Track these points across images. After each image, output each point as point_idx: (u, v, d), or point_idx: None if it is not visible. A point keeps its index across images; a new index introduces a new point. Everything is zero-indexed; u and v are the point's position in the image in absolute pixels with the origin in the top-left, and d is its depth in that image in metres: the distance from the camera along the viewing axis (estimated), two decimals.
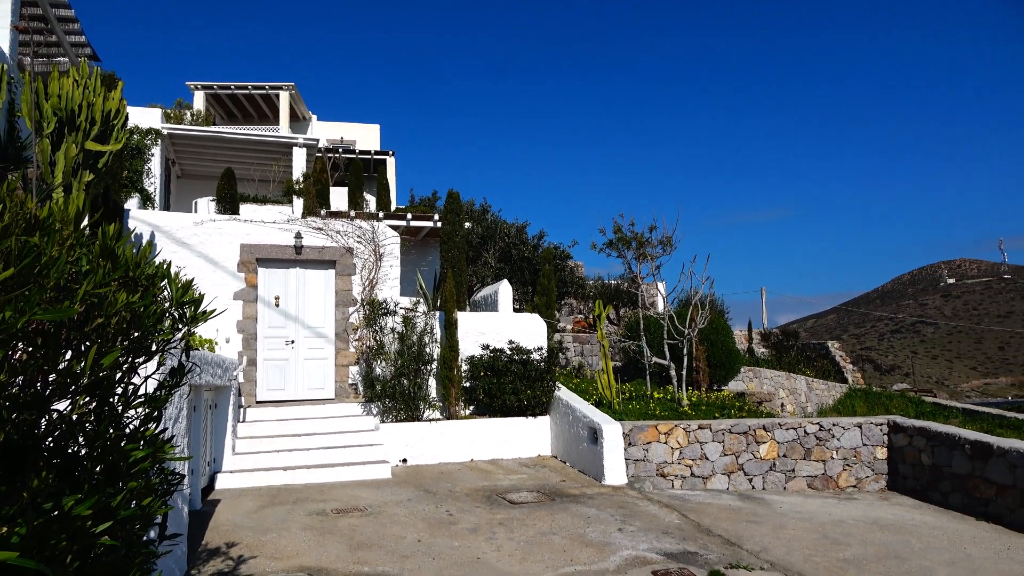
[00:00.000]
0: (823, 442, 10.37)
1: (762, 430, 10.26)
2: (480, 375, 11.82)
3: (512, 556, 6.74)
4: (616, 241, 13.18)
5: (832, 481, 10.33)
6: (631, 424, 10.13)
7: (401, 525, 7.72)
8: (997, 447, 8.85)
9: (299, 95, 26.94)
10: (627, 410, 11.20)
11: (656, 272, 13.43)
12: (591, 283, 21.50)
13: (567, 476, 10.29)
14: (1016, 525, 8.50)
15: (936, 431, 9.78)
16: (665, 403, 11.74)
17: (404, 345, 11.78)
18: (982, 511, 8.98)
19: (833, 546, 7.51)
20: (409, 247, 18.34)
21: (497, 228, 18.54)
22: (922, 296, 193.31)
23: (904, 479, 10.25)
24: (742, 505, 9.12)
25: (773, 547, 7.35)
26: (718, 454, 10.13)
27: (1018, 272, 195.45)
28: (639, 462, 9.95)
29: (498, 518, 8.01)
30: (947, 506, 9.46)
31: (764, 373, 18.94)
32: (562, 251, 18.14)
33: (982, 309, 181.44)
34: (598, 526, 7.73)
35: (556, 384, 11.93)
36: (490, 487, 9.55)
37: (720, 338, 14.78)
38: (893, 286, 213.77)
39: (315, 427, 11.18)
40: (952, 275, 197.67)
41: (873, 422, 10.58)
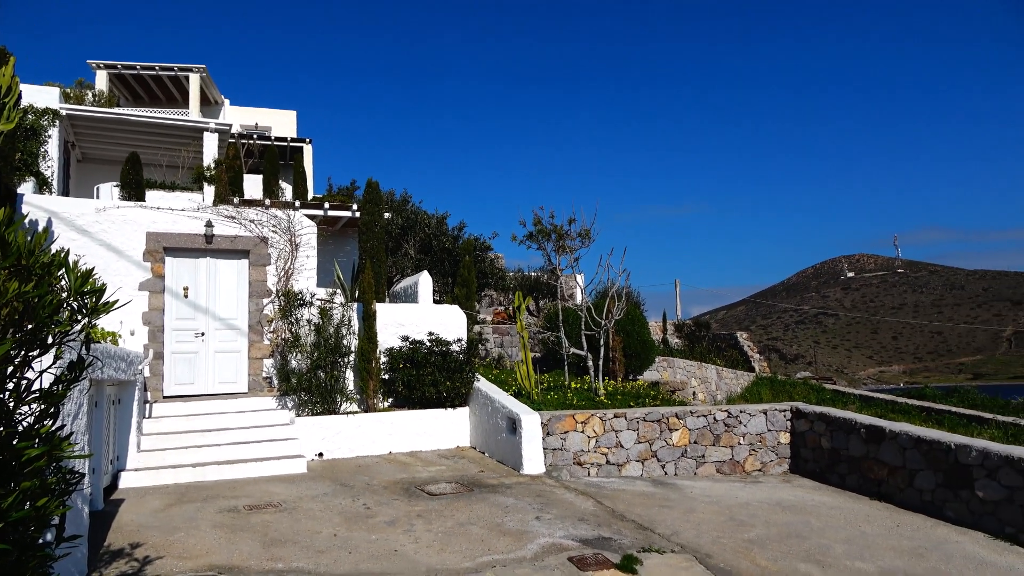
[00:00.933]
0: (731, 428, 10.81)
1: (674, 418, 10.59)
2: (399, 367, 11.73)
3: (430, 547, 6.75)
4: (536, 233, 13.30)
5: (739, 466, 10.78)
6: (549, 414, 10.28)
7: (317, 520, 7.60)
8: (889, 431, 9.43)
9: (211, 78, 25.92)
10: (545, 400, 11.36)
11: (575, 264, 13.64)
12: (512, 275, 21.63)
13: (486, 467, 10.35)
14: (905, 504, 9.09)
15: (835, 416, 10.34)
16: (582, 393, 11.96)
17: (321, 337, 11.56)
18: (875, 491, 9.56)
19: (739, 527, 7.85)
20: (327, 237, 17.98)
21: (417, 219, 18.40)
22: (824, 289, 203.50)
23: (805, 462, 10.80)
24: (655, 491, 9.41)
25: (684, 530, 7.62)
26: (633, 442, 10.40)
27: (910, 267, 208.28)
28: (557, 451, 10.11)
29: (416, 510, 7.99)
30: (844, 487, 10.03)
31: (677, 363, 19.54)
32: (482, 243, 18.18)
33: (878, 301, 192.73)
34: (516, 515, 7.82)
35: (476, 375, 11.97)
36: (408, 479, 9.52)
37: (636, 329, 15.15)
38: (798, 279, 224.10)
39: (227, 422, 10.84)
40: (852, 269, 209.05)
41: (777, 409, 11.09)
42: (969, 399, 18.36)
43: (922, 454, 8.92)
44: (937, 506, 8.68)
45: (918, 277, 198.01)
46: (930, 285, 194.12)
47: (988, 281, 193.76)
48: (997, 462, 8.04)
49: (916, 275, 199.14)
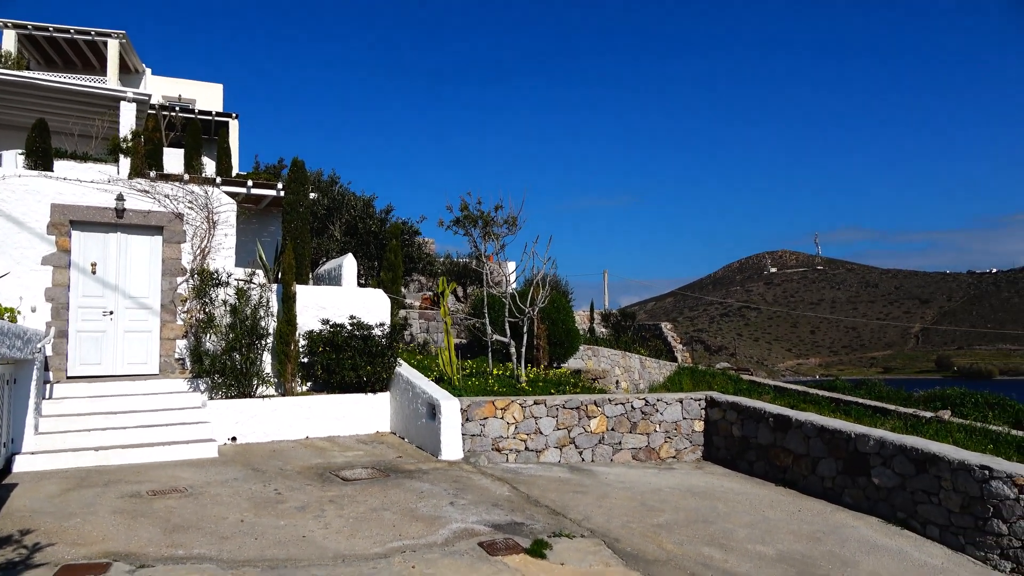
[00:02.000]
0: (648, 416, 11.03)
1: (593, 405, 10.74)
2: (319, 350, 11.51)
3: (340, 533, 6.65)
4: (463, 219, 13.22)
5: (655, 452, 11.02)
6: (469, 400, 10.27)
7: (224, 506, 7.39)
8: (795, 420, 9.80)
9: (131, 45, 24.71)
10: (467, 386, 11.34)
11: (501, 251, 13.63)
12: (441, 260, 21.48)
13: (404, 452, 10.28)
14: (808, 490, 9.48)
15: (746, 406, 10.68)
16: (504, 379, 12.00)
17: (237, 318, 11.23)
18: (781, 477, 9.93)
19: (649, 513, 8.03)
20: (250, 217, 17.44)
21: (344, 200, 18.05)
22: (748, 283, 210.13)
23: (717, 449, 11.13)
24: (571, 477, 9.53)
25: (595, 515, 7.74)
26: (552, 428, 10.50)
27: (829, 264, 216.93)
28: (476, 437, 10.12)
29: (329, 495, 7.87)
30: (752, 474, 10.38)
31: (602, 352, 19.83)
32: (410, 227, 17.98)
33: (798, 296, 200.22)
34: (430, 501, 7.79)
35: (397, 360, 11.85)
36: (324, 464, 9.36)
37: (561, 317, 15.27)
38: (724, 273, 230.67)
39: (134, 404, 10.42)
40: (775, 264, 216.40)
41: (693, 398, 11.38)
42: (876, 391, 19.27)
43: (825, 442, 9.30)
44: (837, 492, 9.08)
45: (836, 274, 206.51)
46: (847, 282, 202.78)
47: (900, 280, 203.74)
48: (892, 451, 8.45)
49: (834, 272, 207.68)
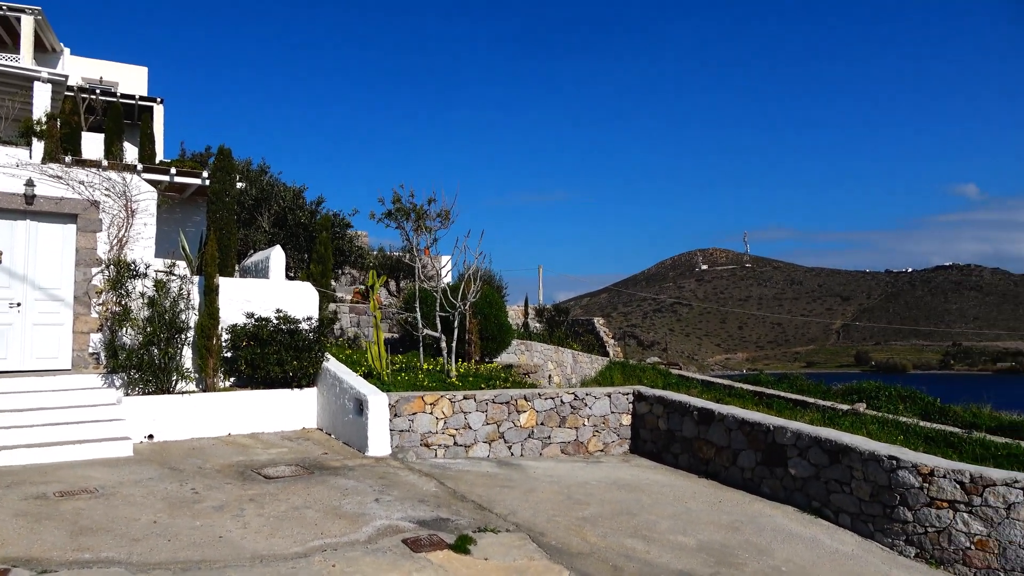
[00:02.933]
0: (577, 411, 11.14)
1: (523, 400, 10.78)
2: (243, 345, 11.19)
3: (259, 533, 6.48)
4: (395, 212, 13.06)
5: (583, 446, 11.14)
6: (398, 395, 10.16)
7: (136, 506, 7.10)
8: (718, 413, 10.05)
9: (47, 22, 23.47)
10: (396, 381, 11.22)
11: (433, 244, 13.55)
12: (373, 254, 21.19)
13: (331, 449, 10.10)
14: (729, 481, 9.74)
15: (672, 400, 10.90)
16: (434, 374, 11.92)
17: (156, 311, 10.80)
18: (704, 469, 10.18)
19: (575, 506, 8.10)
20: (174, 206, 16.82)
21: (273, 191, 17.59)
22: (680, 280, 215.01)
23: (644, 443, 11.33)
24: (499, 471, 9.54)
25: (521, 510, 7.77)
26: (481, 423, 10.49)
27: (757, 262, 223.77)
28: (404, 432, 10.02)
29: (249, 494, 7.66)
30: (677, 466, 10.60)
31: (535, 346, 19.92)
32: (342, 219, 17.66)
33: (727, 293, 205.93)
34: (355, 498, 7.67)
35: (325, 355, 11.63)
36: (246, 462, 9.11)
37: (494, 312, 15.27)
38: (657, 269, 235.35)
39: (43, 401, 9.92)
40: (706, 262, 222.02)
41: (621, 392, 11.54)
42: (797, 385, 19.95)
43: (745, 435, 9.57)
44: (756, 483, 9.36)
45: (763, 272, 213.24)
46: (773, 279, 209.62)
47: (823, 278, 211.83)
48: (808, 442, 8.76)
49: (762, 270, 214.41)
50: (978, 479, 7.38)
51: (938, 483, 7.51)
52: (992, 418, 15.32)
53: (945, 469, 7.56)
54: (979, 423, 14.86)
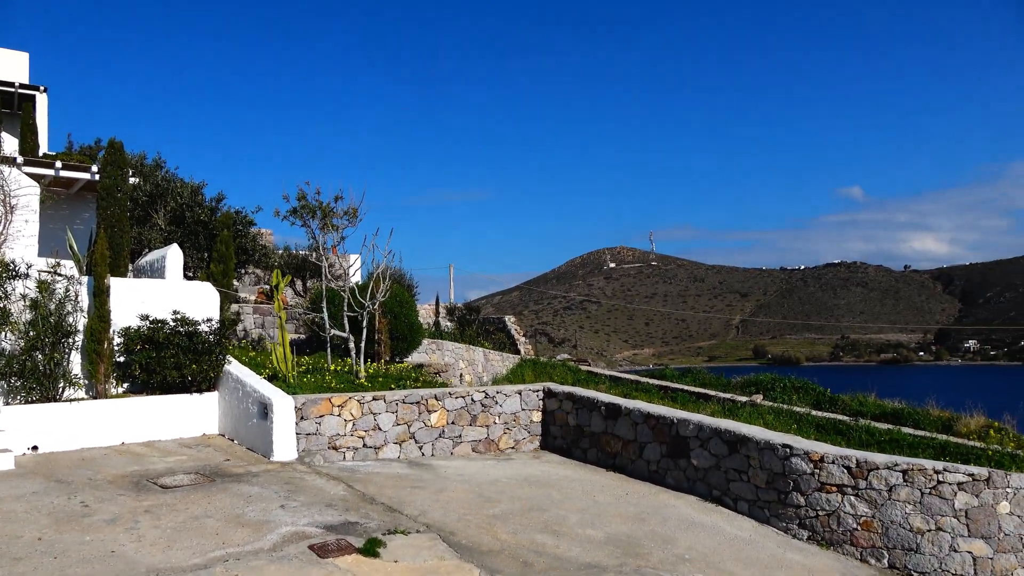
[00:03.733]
0: (488, 409, 11.17)
1: (434, 399, 10.72)
2: (137, 349, 10.63)
3: (155, 545, 6.18)
4: (300, 209, 12.71)
5: (494, 444, 11.19)
6: (304, 397, 9.91)
7: (18, 523, 6.63)
8: (624, 407, 10.30)
9: None
10: (302, 383, 10.94)
11: (341, 243, 13.27)
12: (279, 253, 20.56)
13: (233, 455, 9.74)
14: (635, 473, 10.00)
15: (580, 395, 11.09)
16: (342, 375, 11.69)
17: (39, 314, 10.11)
18: (611, 463, 10.41)
19: (486, 504, 8.13)
20: (60, 202, 15.82)
21: (170, 187, 16.78)
22: (590, 277, 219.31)
23: (554, 439, 11.48)
24: (409, 472, 9.45)
25: (432, 510, 7.72)
26: (391, 424, 10.36)
27: (663, 260, 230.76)
28: (311, 436, 9.78)
29: (144, 505, 7.29)
30: (586, 461, 10.80)
31: (447, 345, 19.85)
32: (245, 217, 17.02)
33: (634, 291, 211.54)
34: (259, 504, 7.43)
35: (227, 358, 11.20)
36: (141, 472, 8.66)
37: (404, 311, 15.10)
38: (567, 268, 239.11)
39: None
40: (614, 260, 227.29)
41: (531, 389, 11.66)
42: (700, 379, 20.73)
43: (651, 428, 9.85)
44: (661, 475, 9.65)
45: (668, 270, 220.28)
46: (678, 277, 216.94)
47: (724, 275, 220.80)
48: (709, 434, 9.10)
49: (667, 268, 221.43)
50: (863, 464, 7.86)
51: (827, 469, 7.96)
52: (876, 406, 16.38)
53: (834, 455, 8.02)
54: (865, 411, 15.86)
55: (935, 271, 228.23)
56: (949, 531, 7.60)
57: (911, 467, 7.75)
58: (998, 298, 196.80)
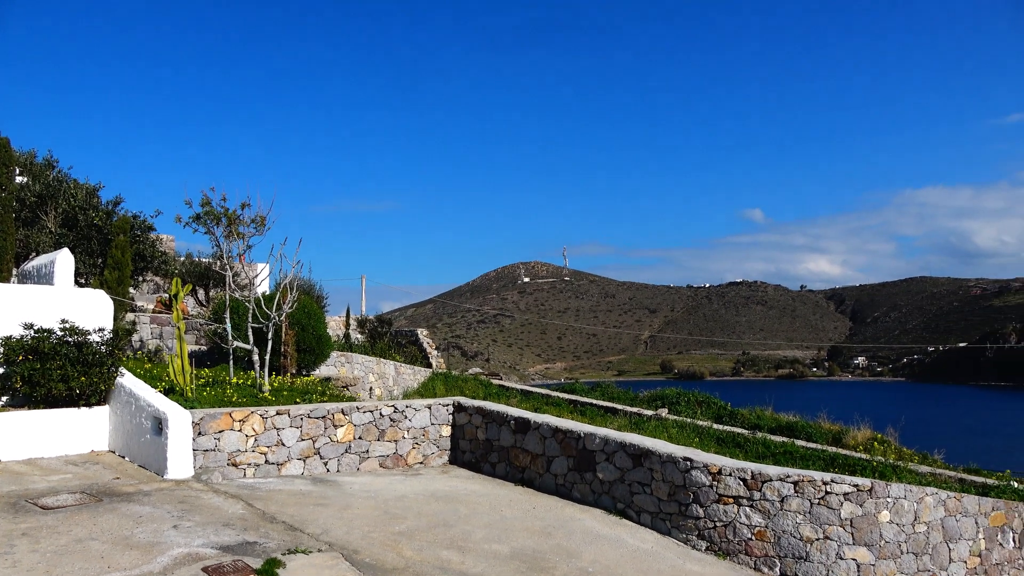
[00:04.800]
0: (396, 423, 11.02)
1: (340, 414, 10.49)
2: (18, 359, 9.94)
3: (32, 572, 5.77)
4: (203, 215, 12.24)
5: (402, 459, 11.04)
6: (203, 412, 9.51)
7: None
8: (534, 422, 10.38)
9: None
10: (201, 397, 10.50)
11: (247, 251, 12.87)
12: (180, 260, 19.72)
13: (124, 472, 9.23)
14: (543, 488, 10.07)
15: (490, 410, 11.10)
16: (245, 389, 11.29)
17: None
18: (520, 477, 10.45)
19: (392, 520, 8.00)
20: None
21: (62, 188, 15.86)
22: (504, 292, 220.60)
23: (463, 453, 11.43)
24: (313, 489, 9.20)
25: (335, 528, 7.54)
26: (295, 439, 10.07)
27: (575, 276, 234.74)
28: (209, 452, 9.39)
29: (22, 528, 6.80)
30: (495, 475, 10.80)
31: (356, 358, 19.50)
32: (143, 221, 16.22)
33: (547, 305, 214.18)
34: (150, 525, 7.06)
35: (120, 370, 10.62)
36: (19, 492, 8.08)
37: (312, 323, 14.76)
38: (481, 281, 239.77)
39: None
40: (528, 274, 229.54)
41: (441, 403, 11.58)
42: (609, 393, 21.16)
43: (559, 442, 9.96)
44: (568, 488, 9.76)
45: (581, 285, 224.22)
46: (589, 293, 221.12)
47: (633, 292, 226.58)
48: (614, 447, 9.28)
49: (579, 283, 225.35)
50: (758, 475, 8.20)
51: (725, 481, 8.25)
52: (773, 419, 17.17)
53: (731, 468, 8.32)
54: (762, 424, 16.59)
55: (828, 291, 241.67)
56: (836, 539, 8.01)
57: (802, 479, 8.13)
58: (884, 318, 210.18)
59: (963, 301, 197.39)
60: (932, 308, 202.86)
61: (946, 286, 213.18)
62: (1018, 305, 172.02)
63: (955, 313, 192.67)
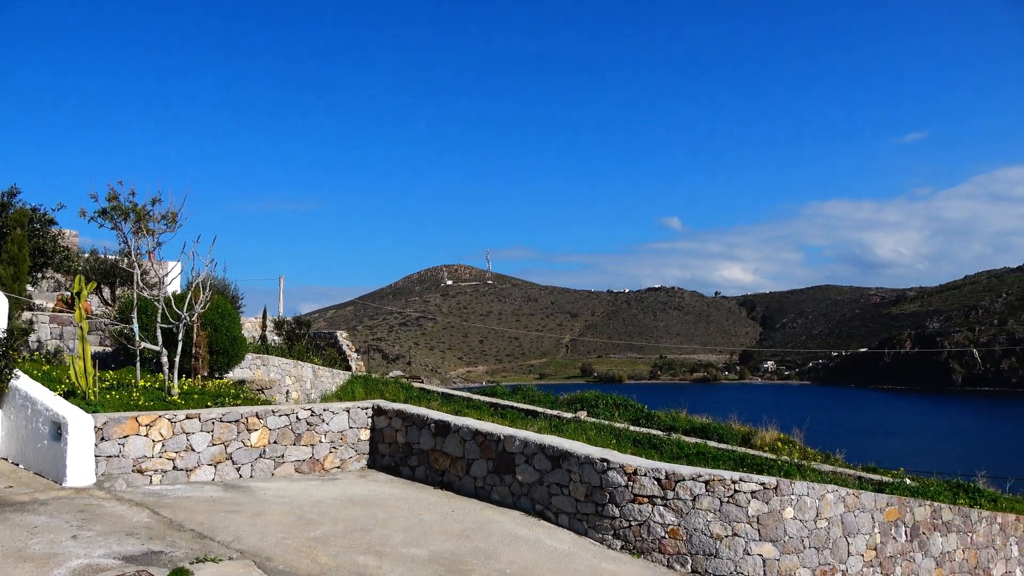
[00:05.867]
0: (313, 427, 10.79)
1: (255, 418, 10.19)
2: None
3: None
4: (110, 210, 11.68)
5: (319, 464, 10.81)
6: (107, 416, 9.06)
7: None
8: (454, 424, 10.36)
9: None
10: (105, 401, 10.00)
11: (157, 249, 12.36)
12: (85, 256, 18.74)
13: (18, 481, 8.70)
14: (462, 490, 10.06)
15: (410, 413, 11.01)
16: (153, 392, 10.83)
17: None
18: (439, 480, 10.41)
19: (307, 526, 7.83)
20: None
21: None
22: (427, 294, 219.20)
23: (382, 457, 11.29)
24: (224, 495, 8.90)
25: (247, 535, 7.32)
26: (206, 444, 9.72)
27: (498, 279, 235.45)
28: (113, 458, 8.95)
29: None
30: (414, 479, 10.71)
31: (273, 361, 19.00)
32: (44, 215, 15.31)
33: (470, 308, 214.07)
34: (46, 535, 6.67)
35: (14, 372, 10.00)
36: None
37: (226, 323, 14.27)
38: (404, 284, 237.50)
39: None
40: (451, 277, 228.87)
41: (360, 406, 11.42)
42: (530, 396, 21.33)
43: (479, 445, 9.97)
44: (487, 491, 9.78)
45: (504, 289, 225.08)
46: (512, 296, 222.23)
47: (556, 296, 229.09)
48: (534, 450, 9.36)
49: (502, 287, 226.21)
50: (672, 475, 8.43)
51: (640, 481, 8.45)
52: (687, 421, 17.70)
53: (646, 468, 8.53)
54: (677, 426, 17.08)
55: (741, 298, 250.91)
56: (744, 536, 8.33)
57: (712, 478, 8.41)
58: (792, 323, 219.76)
59: (864, 308, 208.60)
60: (836, 315, 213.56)
61: (849, 294, 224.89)
62: (913, 313, 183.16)
63: (857, 320, 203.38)
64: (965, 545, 11.19)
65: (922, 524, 10.46)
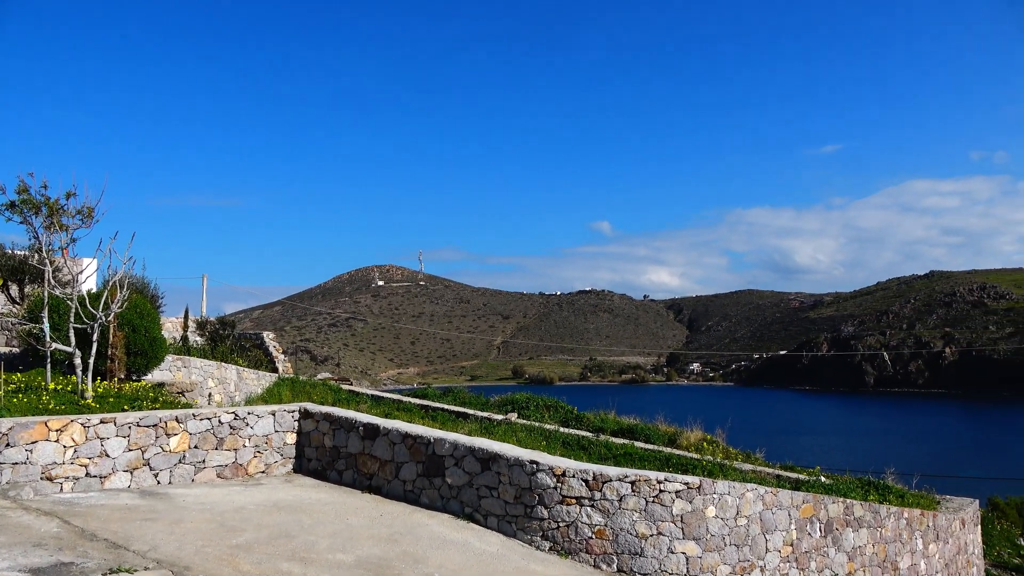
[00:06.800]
0: (237, 431, 10.48)
1: (174, 421, 9.83)
2: None
3: None
4: (20, 203, 11.11)
5: (243, 469, 10.52)
6: (12, 421, 8.58)
7: None
8: (383, 427, 10.24)
9: None
10: (11, 405, 9.48)
11: (71, 245, 11.81)
12: None
13: None
14: (391, 494, 9.96)
15: (338, 416, 10.83)
16: (65, 395, 10.33)
17: None
18: (368, 484, 10.27)
19: (229, 533, 7.61)
20: None
21: None
22: (357, 295, 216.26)
23: (309, 461, 11.07)
24: (141, 503, 8.56)
25: (165, 544, 7.06)
26: (122, 450, 9.32)
27: (431, 280, 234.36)
28: (19, 465, 8.48)
29: None
30: (342, 483, 10.54)
31: (194, 362, 18.38)
32: None
33: (402, 310, 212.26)
34: None
35: None
36: None
37: (145, 323, 13.72)
38: (334, 284, 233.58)
39: None
40: (382, 278, 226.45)
41: (286, 409, 11.16)
42: (461, 398, 21.29)
43: (408, 448, 9.89)
44: (416, 494, 9.71)
45: (436, 290, 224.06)
46: (444, 297, 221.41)
47: (488, 297, 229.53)
48: (463, 452, 9.34)
49: (434, 288, 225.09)
50: (599, 476, 8.56)
51: (569, 482, 8.55)
52: (616, 423, 18.02)
53: (575, 470, 8.63)
54: (606, 427, 17.36)
55: (668, 301, 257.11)
56: (668, 535, 8.52)
57: (638, 478, 8.58)
58: (716, 327, 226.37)
59: (784, 313, 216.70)
60: (758, 319, 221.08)
61: (770, 299, 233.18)
62: (829, 317, 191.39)
63: (777, 323, 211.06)
64: (875, 540, 11.76)
65: (835, 520, 10.92)
